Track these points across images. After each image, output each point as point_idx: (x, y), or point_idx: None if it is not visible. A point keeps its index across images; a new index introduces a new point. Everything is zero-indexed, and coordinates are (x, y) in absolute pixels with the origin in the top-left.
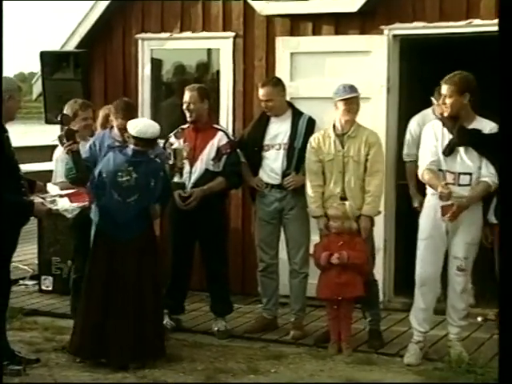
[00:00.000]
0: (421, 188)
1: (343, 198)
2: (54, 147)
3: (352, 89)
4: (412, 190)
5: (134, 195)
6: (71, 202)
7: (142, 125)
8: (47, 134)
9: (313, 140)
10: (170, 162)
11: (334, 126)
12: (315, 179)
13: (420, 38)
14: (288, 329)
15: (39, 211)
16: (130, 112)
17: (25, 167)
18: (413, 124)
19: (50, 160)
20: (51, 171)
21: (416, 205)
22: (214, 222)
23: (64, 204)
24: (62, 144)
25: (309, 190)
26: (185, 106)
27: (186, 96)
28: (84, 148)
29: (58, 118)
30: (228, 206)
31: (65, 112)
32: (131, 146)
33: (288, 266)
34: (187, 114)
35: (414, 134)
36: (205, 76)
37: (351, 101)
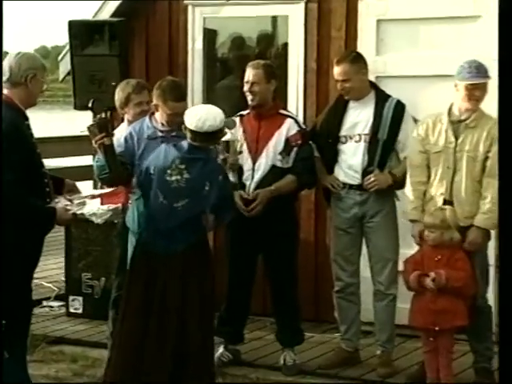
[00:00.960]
0: None
1: (448, 202)
2: (83, 139)
3: (480, 70)
4: None
5: (183, 199)
6: (102, 203)
7: (203, 114)
8: (76, 122)
9: (420, 126)
10: (221, 157)
11: (450, 111)
12: (417, 174)
13: None
14: (373, 364)
15: (62, 218)
16: (181, 94)
17: (49, 162)
18: None
19: (80, 154)
20: (83, 167)
21: None
22: (282, 231)
23: (92, 207)
24: (94, 136)
25: (408, 187)
26: (246, 88)
27: (249, 75)
28: (119, 141)
29: (90, 104)
30: (298, 210)
31: (116, 96)
32: (187, 140)
33: (371, 286)
34: (249, 97)
35: None
36: (268, 50)
37: (477, 86)
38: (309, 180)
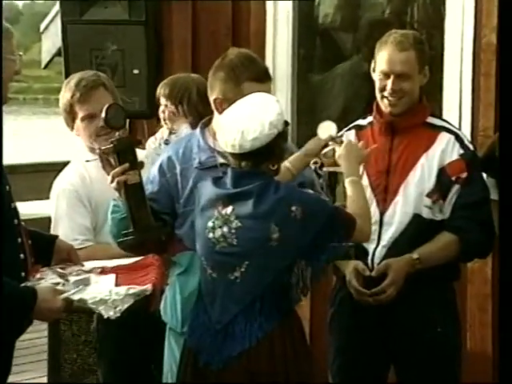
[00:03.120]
0: None
1: None
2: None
3: None
4: None
5: (240, 265)
6: (118, 283)
7: (239, 120)
8: (68, 139)
9: None
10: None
11: None
12: None
13: None
14: None
15: (47, 308)
16: (264, 70)
17: (24, 208)
18: None
19: None
20: None
21: None
22: (432, 332)
23: (100, 289)
24: (110, 168)
25: None
26: (386, 85)
27: (390, 59)
28: (149, 172)
29: (104, 112)
30: (462, 296)
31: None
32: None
33: None
34: (388, 101)
35: None
36: (402, 17)
37: None
38: (481, 242)
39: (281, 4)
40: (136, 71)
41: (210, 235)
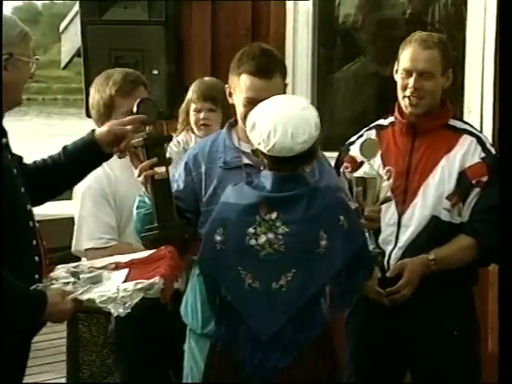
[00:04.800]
0: None
1: None
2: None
3: None
4: None
5: (286, 273)
6: (129, 279)
7: (273, 120)
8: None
9: None
10: (352, 206)
11: None
12: None
13: None
14: None
15: (57, 310)
16: (267, 64)
17: (40, 210)
18: None
19: None
20: None
21: None
22: (448, 335)
23: (107, 288)
24: (138, 161)
25: None
26: (408, 83)
27: (414, 59)
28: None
29: (135, 107)
30: (481, 299)
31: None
32: (267, 170)
33: None
34: (411, 99)
35: None
36: (428, 10)
37: None
38: (499, 247)
39: (301, 4)
40: (155, 71)
41: (253, 242)
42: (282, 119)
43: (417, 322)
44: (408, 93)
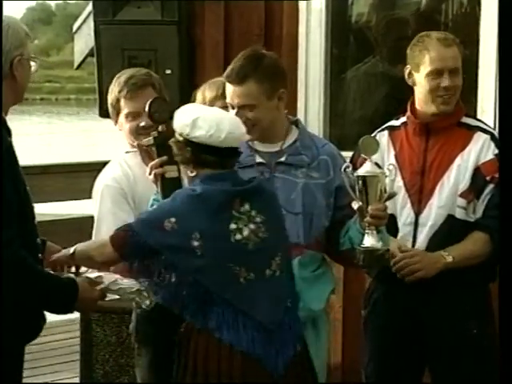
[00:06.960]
0: None
1: None
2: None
3: None
4: None
5: (275, 256)
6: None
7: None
8: (101, 139)
9: None
10: (356, 206)
11: None
12: None
13: None
14: None
15: (88, 299)
16: (232, 80)
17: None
18: None
19: None
20: None
21: None
22: (464, 332)
23: (134, 282)
24: (147, 162)
25: None
26: (440, 84)
27: (444, 54)
28: None
29: (147, 107)
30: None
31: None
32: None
33: None
34: (444, 98)
35: None
36: (436, 16)
37: None
38: None
39: (314, 4)
40: (168, 71)
41: (238, 236)
42: (220, 114)
43: (436, 322)
44: (442, 92)
